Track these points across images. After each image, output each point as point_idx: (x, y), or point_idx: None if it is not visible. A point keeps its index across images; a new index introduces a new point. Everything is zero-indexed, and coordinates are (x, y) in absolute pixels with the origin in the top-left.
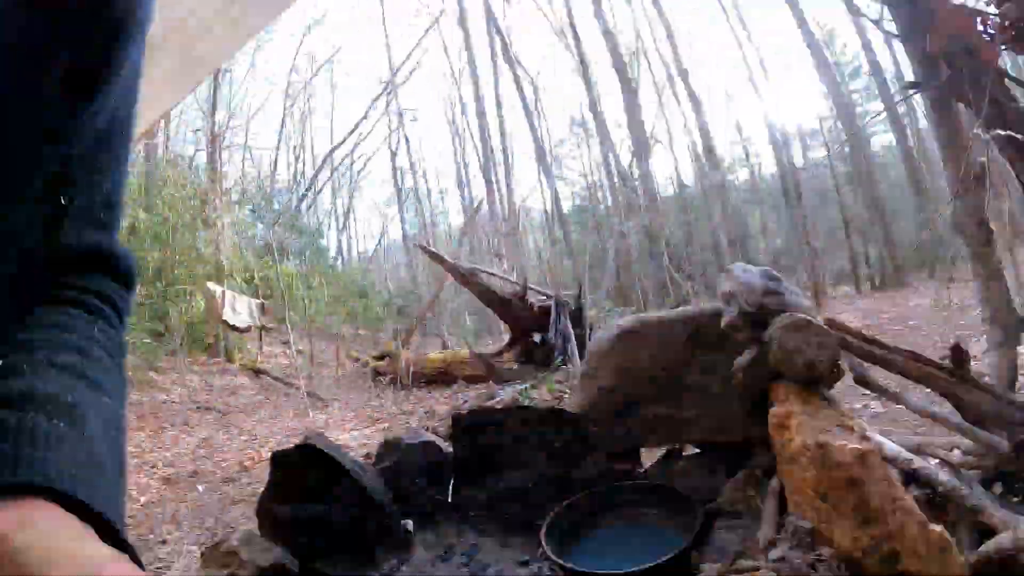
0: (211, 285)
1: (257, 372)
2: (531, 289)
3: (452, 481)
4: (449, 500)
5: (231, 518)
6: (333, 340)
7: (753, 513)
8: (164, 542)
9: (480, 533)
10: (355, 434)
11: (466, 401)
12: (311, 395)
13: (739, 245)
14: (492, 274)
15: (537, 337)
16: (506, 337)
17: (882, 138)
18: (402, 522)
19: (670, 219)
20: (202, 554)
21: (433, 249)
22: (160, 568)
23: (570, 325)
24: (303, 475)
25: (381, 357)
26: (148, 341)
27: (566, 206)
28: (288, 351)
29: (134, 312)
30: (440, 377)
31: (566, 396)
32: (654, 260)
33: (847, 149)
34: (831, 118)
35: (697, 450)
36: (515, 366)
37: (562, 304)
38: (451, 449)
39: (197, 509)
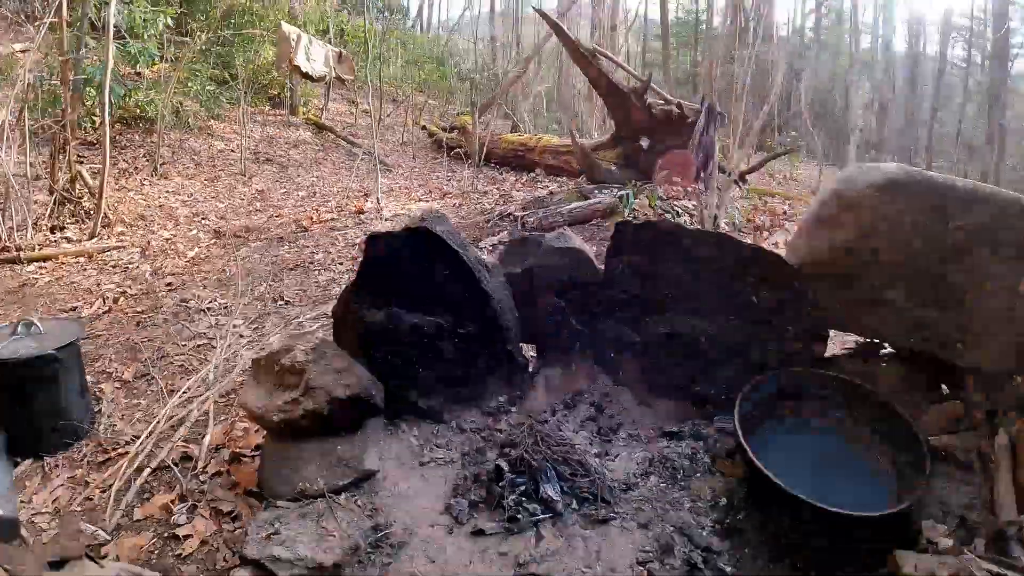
0: (286, 26)
1: (320, 128)
2: (653, 89)
3: (598, 308)
4: (588, 331)
5: (284, 286)
6: (401, 105)
7: (973, 461)
8: (208, 310)
9: (618, 383)
10: (423, 206)
11: (551, 192)
12: (375, 158)
13: (840, 113)
14: (615, 61)
15: (645, 142)
16: (595, 135)
17: None
18: (521, 347)
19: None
20: (255, 361)
21: (554, 19)
22: (201, 345)
23: (716, 141)
24: (406, 270)
25: (451, 129)
26: (211, 88)
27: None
28: (354, 110)
29: (198, 58)
30: (515, 160)
31: (670, 217)
32: (753, 100)
33: (987, 61)
34: (984, 19)
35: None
36: (613, 168)
37: (715, 113)
38: (603, 266)
39: (248, 271)
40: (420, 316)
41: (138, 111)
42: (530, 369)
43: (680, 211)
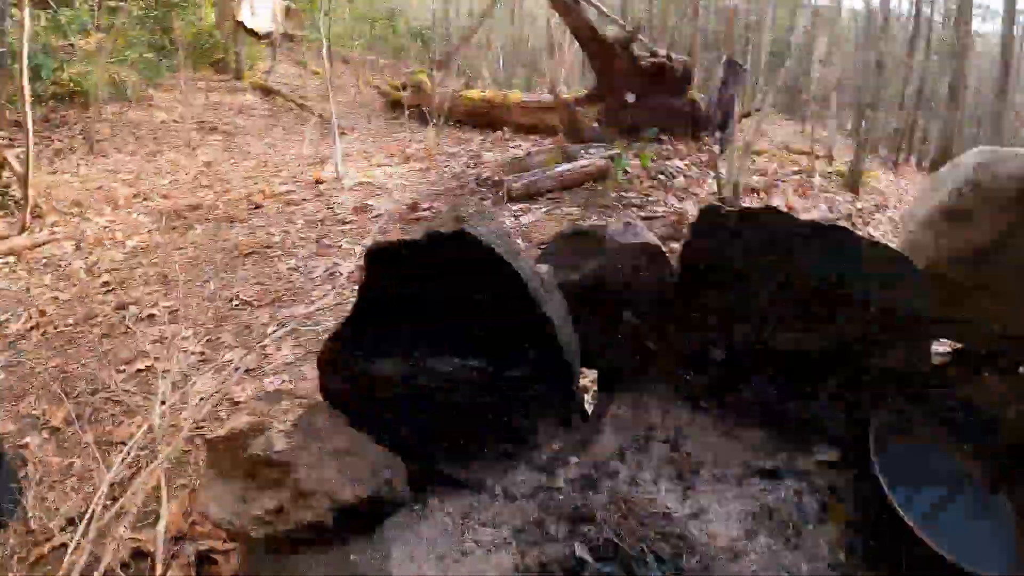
0: None
1: (268, 91)
2: (639, 40)
3: (674, 319)
4: (662, 350)
5: (238, 280)
6: (351, 65)
7: None
8: (151, 317)
9: (697, 411)
10: (388, 171)
11: (529, 153)
12: (328, 120)
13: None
14: (600, 9)
15: (631, 97)
16: (565, 90)
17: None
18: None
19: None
20: (211, 444)
21: None
22: (143, 370)
23: (736, 97)
24: (430, 294)
25: (404, 87)
26: (149, 56)
27: None
28: (303, 72)
29: (134, 25)
30: (480, 118)
31: (664, 179)
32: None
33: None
34: None
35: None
36: (595, 125)
37: (736, 67)
38: (679, 265)
39: (195, 261)
40: (452, 361)
41: (72, 85)
42: (589, 403)
43: (674, 172)
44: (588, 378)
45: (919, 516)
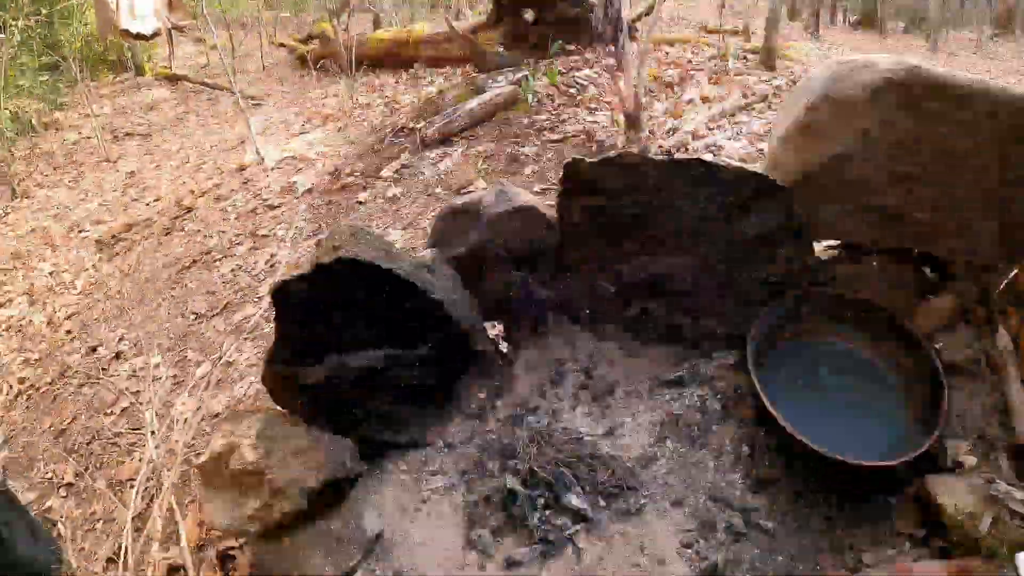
0: None
1: (174, 79)
2: None
3: (562, 265)
4: (556, 295)
5: (188, 293)
6: (252, 29)
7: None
8: (119, 355)
9: (602, 340)
10: (308, 139)
11: (441, 91)
12: (242, 95)
13: None
14: None
15: (529, 15)
16: (468, 14)
17: None
18: (487, 330)
19: None
20: (200, 467)
21: None
22: (127, 409)
23: (621, 9)
24: (336, 307)
25: (309, 39)
26: (44, 79)
27: None
28: (204, 48)
29: (21, 50)
30: (389, 60)
31: (575, 92)
32: None
33: None
34: None
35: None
36: (500, 50)
37: None
38: (556, 216)
39: (144, 284)
40: (369, 355)
41: None
42: (503, 350)
43: (584, 82)
44: (498, 329)
45: (802, 409)
